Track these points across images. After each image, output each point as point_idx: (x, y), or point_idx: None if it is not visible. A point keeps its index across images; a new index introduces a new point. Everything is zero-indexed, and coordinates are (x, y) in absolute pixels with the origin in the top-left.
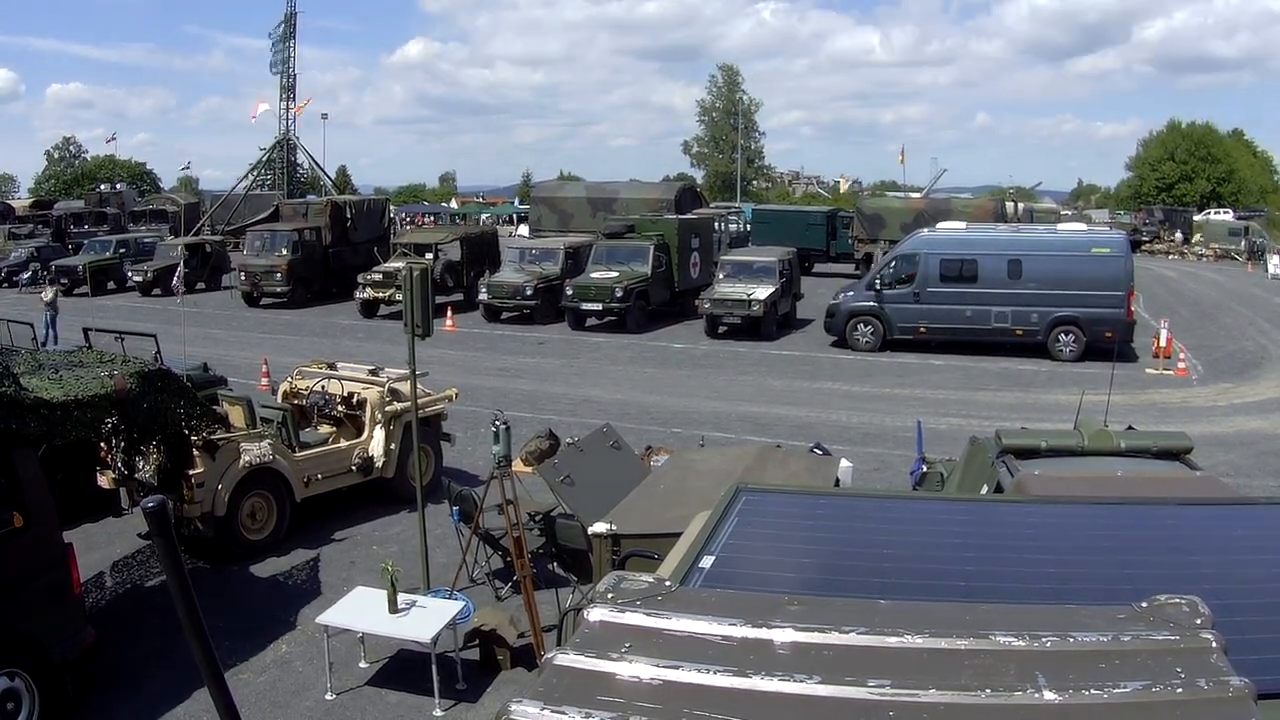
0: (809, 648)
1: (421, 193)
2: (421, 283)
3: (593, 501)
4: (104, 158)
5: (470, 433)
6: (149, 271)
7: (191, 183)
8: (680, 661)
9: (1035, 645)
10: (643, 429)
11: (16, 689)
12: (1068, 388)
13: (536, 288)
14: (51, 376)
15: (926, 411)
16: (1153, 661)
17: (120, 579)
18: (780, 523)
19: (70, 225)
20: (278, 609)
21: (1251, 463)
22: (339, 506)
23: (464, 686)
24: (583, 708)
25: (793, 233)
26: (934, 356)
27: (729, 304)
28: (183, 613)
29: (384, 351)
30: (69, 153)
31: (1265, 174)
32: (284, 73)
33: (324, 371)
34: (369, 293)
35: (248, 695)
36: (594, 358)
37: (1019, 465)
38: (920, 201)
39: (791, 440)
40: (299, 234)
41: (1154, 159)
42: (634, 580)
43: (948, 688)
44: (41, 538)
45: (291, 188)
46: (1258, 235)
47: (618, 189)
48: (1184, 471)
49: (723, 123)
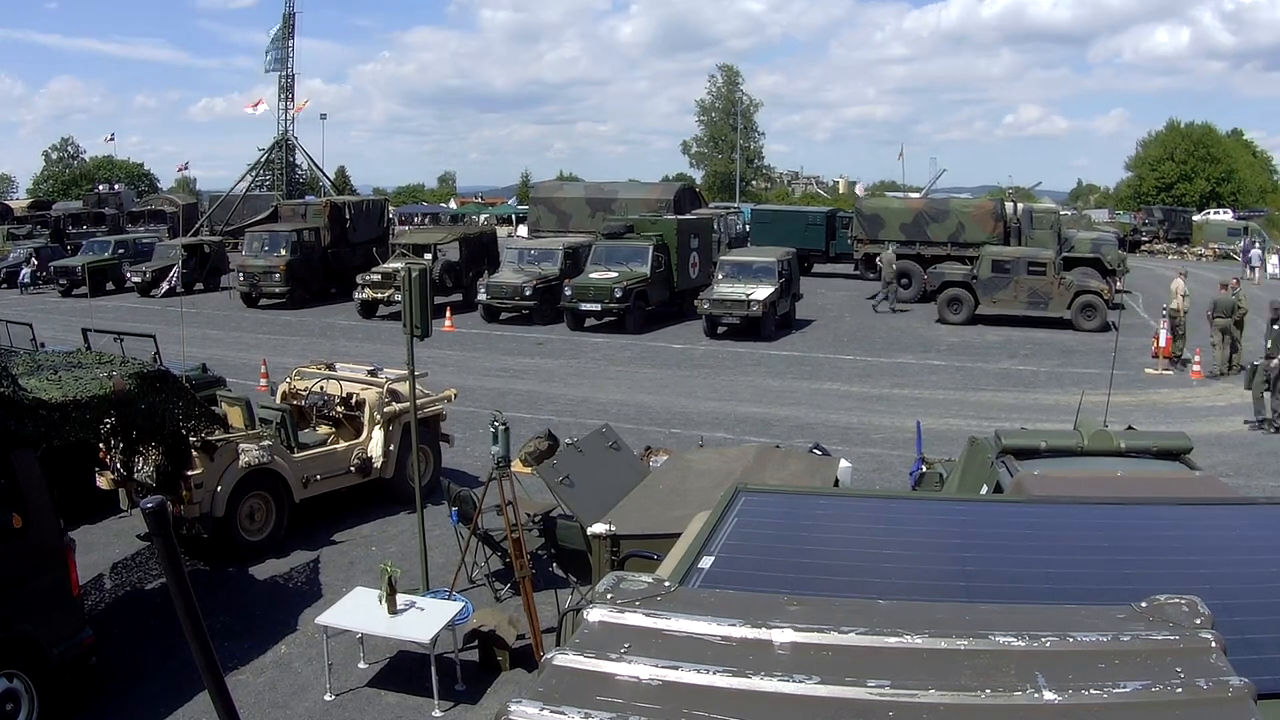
0: (808, 648)
1: (420, 193)
2: (420, 283)
3: (592, 502)
4: (102, 158)
5: (469, 433)
6: (147, 272)
7: (190, 183)
8: (679, 662)
9: (1035, 645)
10: (642, 429)
11: (15, 690)
12: (1067, 388)
13: (535, 288)
14: (50, 377)
15: (926, 412)
16: (1152, 661)
17: (119, 580)
18: (779, 523)
19: (68, 226)
20: (277, 610)
21: (1251, 463)
22: (338, 507)
23: (463, 687)
24: (582, 708)
25: (792, 233)
26: (934, 357)
27: (728, 304)
28: (182, 613)
29: (383, 352)
30: (67, 153)
31: (1264, 174)
32: (283, 72)
33: (323, 372)
34: (368, 293)
35: (247, 696)
36: (593, 358)
37: (1018, 465)
38: (919, 202)
39: (791, 441)
40: (298, 234)
41: (1153, 159)
42: (633, 581)
43: (947, 688)
44: (41, 539)
45: (290, 188)
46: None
47: (616, 189)
48: (1184, 471)
49: (722, 122)
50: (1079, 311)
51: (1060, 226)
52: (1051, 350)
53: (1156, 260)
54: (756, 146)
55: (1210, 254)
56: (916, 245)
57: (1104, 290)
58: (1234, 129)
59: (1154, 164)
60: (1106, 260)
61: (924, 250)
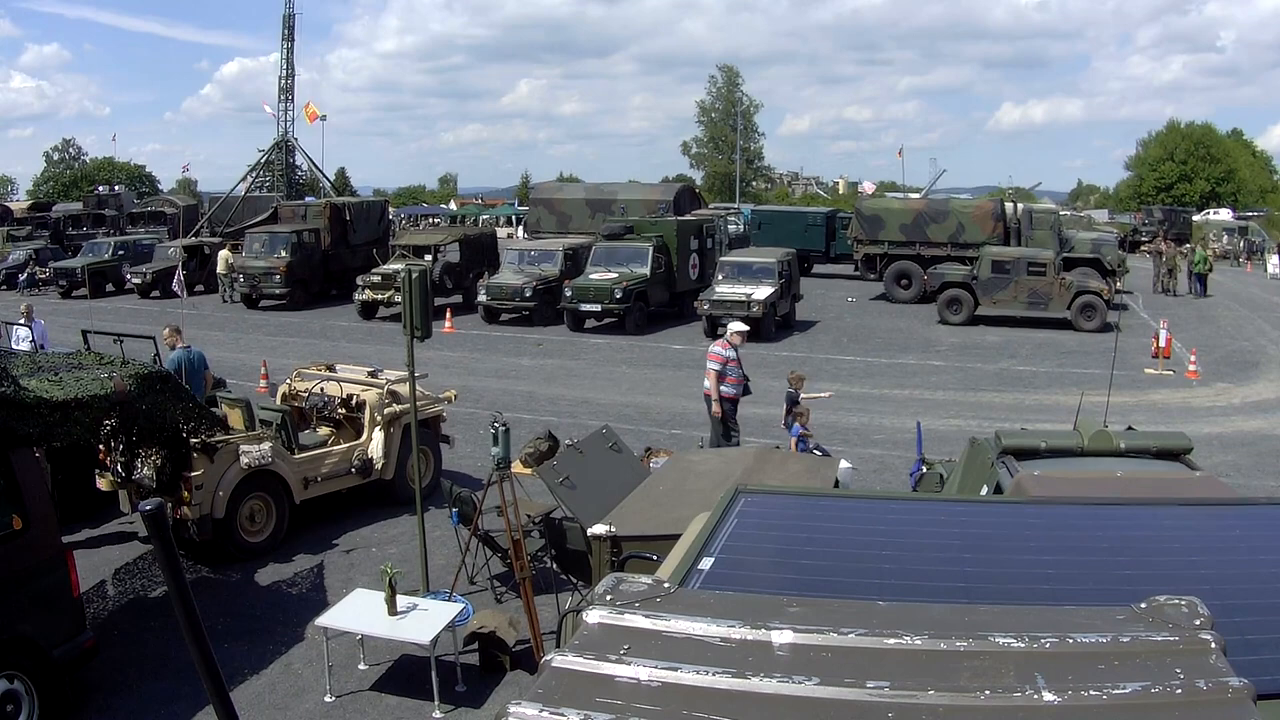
0: (808, 649)
1: (421, 194)
2: (420, 284)
3: (592, 503)
4: (103, 159)
5: (469, 434)
6: (148, 273)
7: (190, 184)
8: (679, 663)
9: (1034, 646)
10: (642, 430)
11: (16, 691)
12: (1067, 389)
13: (535, 289)
14: (50, 378)
15: (926, 412)
16: (1152, 662)
17: (119, 582)
18: (779, 524)
19: (69, 227)
20: (277, 611)
21: (1251, 463)
22: (338, 509)
23: (463, 689)
24: (582, 709)
25: (792, 234)
26: (934, 358)
27: (728, 305)
28: (181, 615)
29: (383, 353)
30: (68, 154)
31: (1264, 174)
32: (283, 73)
33: (323, 373)
34: (368, 294)
35: (247, 698)
36: (593, 359)
37: (1018, 466)
38: (919, 202)
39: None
40: (298, 236)
41: (1153, 159)
42: (633, 582)
43: (947, 689)
44: (41, 540)
45: (290, 189)
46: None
47: (616, 190)
48: (1183, 472)
49: (722, 123)
50: (1079, 312)
51: (1060, 227)
52: (1051, 351)
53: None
54: (756, 147)
55: (1210, 254)
56: (916, 246)
57: (1104, 290)
58: (1234, 129)
59: (1154, 164)
60: (1106, 260)
61: (924, 251)
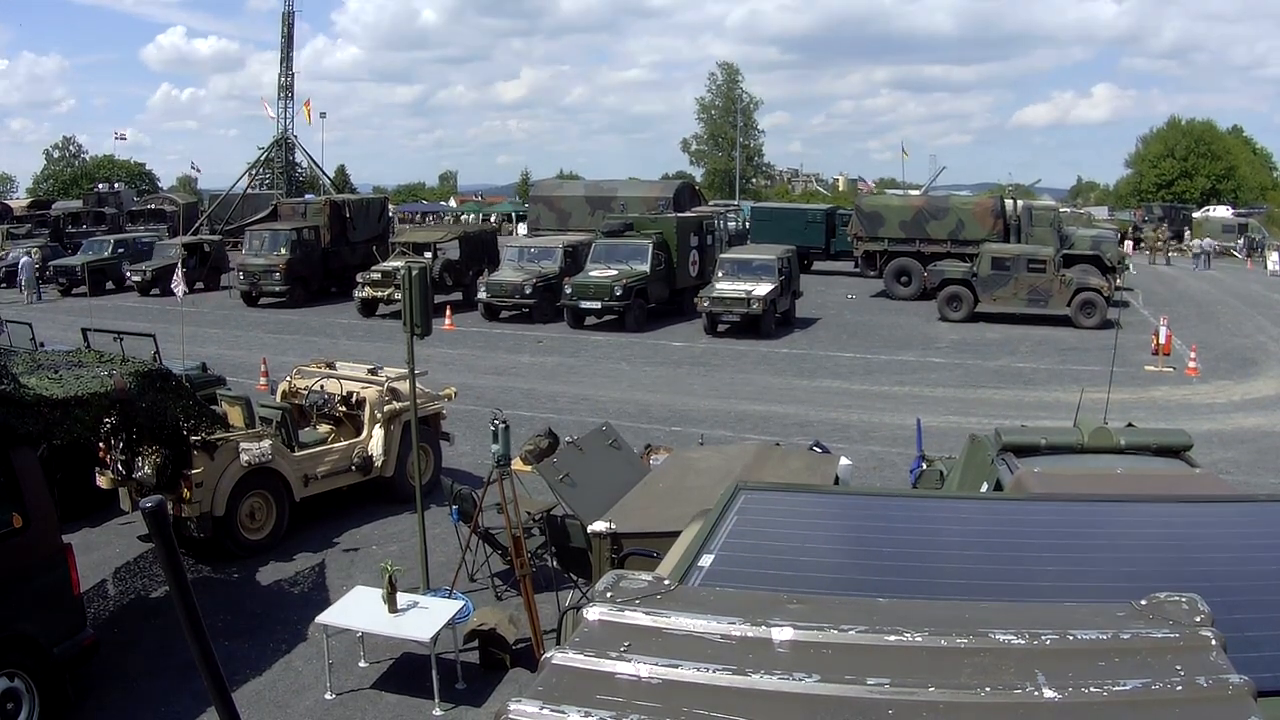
0: (808, 646)
1: (421, 191)
2: (420, 282)
3: (592, 500)
4: (103, 157)
5: (469, 432)
6: (148, 271)
7: (190, 182)
8: (679, 660)
9: (1035, 643)
10: (642, 427)
11: (16, 689)
12: (1067, 385)
13: (535, 286)
14: (51, 376)
15: (926, 409)
16: (1152, 659)
17: (120, 580)
18: (780, 521)
19: (68, 225)
20: (277, 609)
21: (1251, 459)
22: (338, 506)
23: (464, 686)
24: (582, 707)
25: (792, 231)
26: (934, 355)
27: (728, 302)
28: (181, 613)
29: (383, 350)
30: (68, 152)
31: (1265, 171)
32: (282, 71)
33: (323, 371)
34: (368, 292)
35: (248, 695)
36: (593, 356)
37: (1018, 463)
38: (919, 199)
39: (791, 438)
40: (297, 233)
41: (1153, 156)
42: (633, 579)
43: (947, 686)
44: (41, 538)
45: (290, 187)
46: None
47: (616, 187)
48: (1183, 469)
49: (722, 120)
50: (1079, 309)
51: (1060, 224)
52: (1051, 347)
53: (1156, 257)
54: (756, 144)
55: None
56: (916, 243)
57: (1104, 287)
58: (1234, 125)
59: (1154, 161)
60: (1106, 257)
61: (924, 248)
